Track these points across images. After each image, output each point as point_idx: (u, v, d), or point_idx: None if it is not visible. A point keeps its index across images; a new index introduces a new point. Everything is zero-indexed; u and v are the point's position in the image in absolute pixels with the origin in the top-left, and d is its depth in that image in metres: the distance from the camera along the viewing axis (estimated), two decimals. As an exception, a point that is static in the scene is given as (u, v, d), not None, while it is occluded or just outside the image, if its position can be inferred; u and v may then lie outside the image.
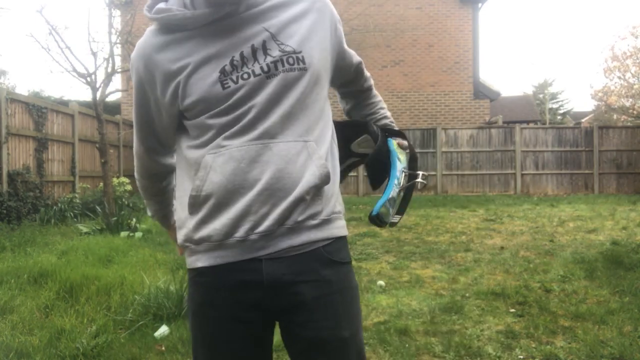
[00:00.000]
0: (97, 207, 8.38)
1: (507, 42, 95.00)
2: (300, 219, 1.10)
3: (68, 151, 9.75)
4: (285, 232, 1.09)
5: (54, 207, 8.37)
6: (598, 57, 45.84)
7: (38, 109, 8.63)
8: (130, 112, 14.40)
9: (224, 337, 1.14)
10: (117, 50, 9.57)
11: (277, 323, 1.19)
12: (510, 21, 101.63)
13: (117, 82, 13.72)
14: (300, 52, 1.12)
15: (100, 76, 8.77)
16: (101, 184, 9.20)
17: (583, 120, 29.48)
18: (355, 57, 1.36)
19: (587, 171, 13.71)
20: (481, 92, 15.09)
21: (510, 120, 19.08)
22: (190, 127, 1.16)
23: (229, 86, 1.09)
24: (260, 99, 1.10)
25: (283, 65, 1.11)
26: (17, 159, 8.02)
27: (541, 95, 39.01)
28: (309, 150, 1.12)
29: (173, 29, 1.13)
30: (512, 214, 9.05)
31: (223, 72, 1.09)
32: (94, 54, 8.53)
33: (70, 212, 8.36)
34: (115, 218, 7.28)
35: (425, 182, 1.38)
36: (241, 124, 1.10)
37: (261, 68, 1.10)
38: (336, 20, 1.23)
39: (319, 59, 1.16)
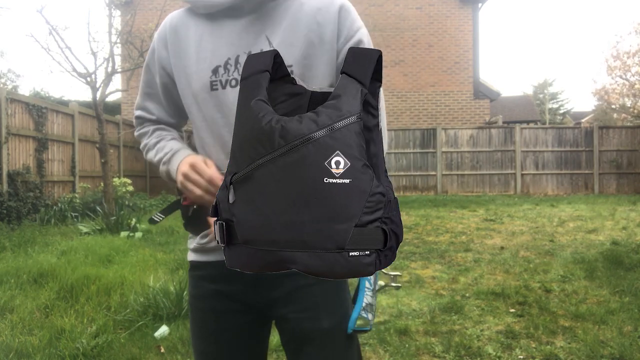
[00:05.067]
0: (97, 207, 8.38)
1: (507, 42, 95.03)
2: None
3: (68, 151, 9.75)
4: None
5: (54, 207, 8.37)
6: (599, 55, 45.94)
7: (38, 109, 8.62)
8: (130, 112, 14.40)
9: (212, 329, 1.17)
10: (117, 50, 9.58)
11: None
12: (510, 21, 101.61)
13: (117, 82, 13.74)
14: (290, 65, 1.07)
15: (100, 76, 8.79)
16: (101, 184, 9.20)
17: (583, 120, 29.47)
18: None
19: (587, 171, 13.70)
20: (481, 92, 15.08)
21: (510, 120, 19.11)
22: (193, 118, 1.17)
23: (217, 88, 1.10)
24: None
25: None
26: (17, 159, 8.02)
27: (541, 95, 39.02)
28: None
29: (193, 8, 1.15)
30: (512, 214, 9.05)
31: (215, 72, 1.10)
32: (94, 54, 8.54)
33: (70, 212, 8.35)
34: (115, 218, 7.28)
35: (399, 285, 1.29)
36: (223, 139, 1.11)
37: None
38: (342, 36, 1.10)
39: (311, 76, 1.09)
